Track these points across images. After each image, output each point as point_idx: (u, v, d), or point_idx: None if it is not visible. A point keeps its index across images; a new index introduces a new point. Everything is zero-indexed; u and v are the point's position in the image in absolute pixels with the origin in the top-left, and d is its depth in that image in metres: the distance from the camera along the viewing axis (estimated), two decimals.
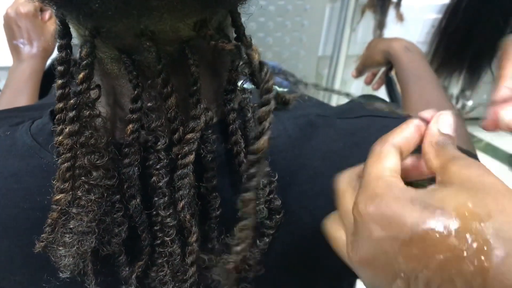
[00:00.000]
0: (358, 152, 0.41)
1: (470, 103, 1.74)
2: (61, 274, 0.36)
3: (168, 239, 0.35)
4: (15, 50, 0.83)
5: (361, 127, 0.43)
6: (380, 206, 0.28)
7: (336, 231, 0.34)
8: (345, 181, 0.34)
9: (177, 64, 0.33)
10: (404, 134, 0.33)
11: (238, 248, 0.33)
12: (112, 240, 0.36)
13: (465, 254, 0.24)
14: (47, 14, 0.85)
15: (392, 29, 1.44)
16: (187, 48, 0.32)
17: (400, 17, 1.40)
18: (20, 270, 0.40)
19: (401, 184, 0.29)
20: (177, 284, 0.37)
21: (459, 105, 1.77)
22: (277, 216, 0.38)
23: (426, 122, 0.33)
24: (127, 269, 0.38)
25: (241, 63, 0.35)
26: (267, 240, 0.38)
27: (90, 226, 0.35)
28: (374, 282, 0.29)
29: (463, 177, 0.27)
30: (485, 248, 0.24)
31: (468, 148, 0.60)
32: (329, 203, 0.40)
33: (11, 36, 0.83)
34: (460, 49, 1.50)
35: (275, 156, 0.38)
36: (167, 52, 0.32)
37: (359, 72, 1.00)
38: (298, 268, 0.42)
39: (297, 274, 0.42)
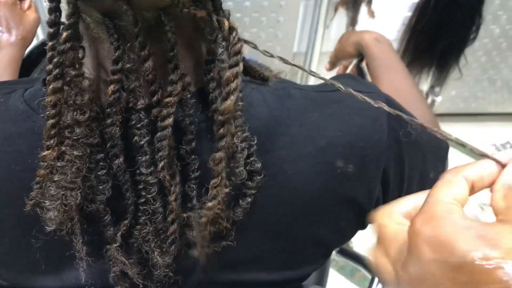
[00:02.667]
0: (333, 122, 0.44)
1: (439, 99, 1.81)
2: (47, 228, 0.38)
3: (150, 196, 0.38)
4: None
5: (337, 100, 0.46)
6: (435, 228, 0.28)
7: (379, 257, 0.34)
8: (385, 214, 0.35)
9: (154, 30, 0.36)
10: (479, 170, 0.33)
11: (210, 204, 0.36)
12: (96, 197, 0.38)
13: None
14: (26, 3, 0.86)
15: (364, 26, 1.49)
16: (163, 15, 0.35)
17: (371, 14, 1.45)
18: (9, 232, 0.41)
19: (462, 212, 0.30)
20: (158, 242, 0.39)
21: (429, 101, 1.83)
22: (258, 177, 0.41)
23: (502, 164, 0.33)
24: (112, 228, 0.40)
25: (219, 35, 0.37)
26: (249, 200, 0.41)
27: (74, 182, 0.37)
28: None
29: None
30: None
31: (435, 126, 0.64)
32: (306, 168, 0.43)
33: None
34: (429, 46, 1.56)
35: (254, 123, 0.41)
36: (145, 17, 0.35)
37: (333, 65, 1.03)
38: (279, 231, 0.45)
39: (277, 237, 0.45)
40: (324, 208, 0.45)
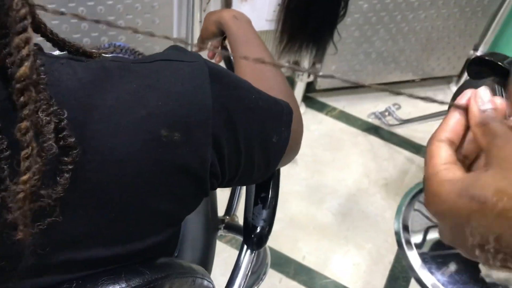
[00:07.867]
0: (151, 93, 0.45)
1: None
2: None
3: None
4: None
5: (155, 70, 0.47)
6: (437, 205, 0.35)
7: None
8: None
9: None
10: (448, 125, 0.37)
11: (25, 177, 0.35)
12: None
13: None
14: None
15: (240, 9, 1.51)
16: None
17: None
18: None
19: (451, 174, 0.35)
20: None
21: (311, 78, 1.91)
22: (74, 152, 0.40)
23: (465, 107, 0.37)
24: None
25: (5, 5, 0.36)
26: (67, 175, 0.40)
27: None
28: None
29: (502, 157, 0.32)
30: None
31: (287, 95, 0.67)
32: (128, 139, 0.43)
33: None
34: (303, 24, 1.62)
35: (65, 97, 0.41)
36: None
37: (201, 46, 1.05)
38: (110, 205, 0.45)
39: (110, 210, 0.45)
40: (155, 178, 0.46)
